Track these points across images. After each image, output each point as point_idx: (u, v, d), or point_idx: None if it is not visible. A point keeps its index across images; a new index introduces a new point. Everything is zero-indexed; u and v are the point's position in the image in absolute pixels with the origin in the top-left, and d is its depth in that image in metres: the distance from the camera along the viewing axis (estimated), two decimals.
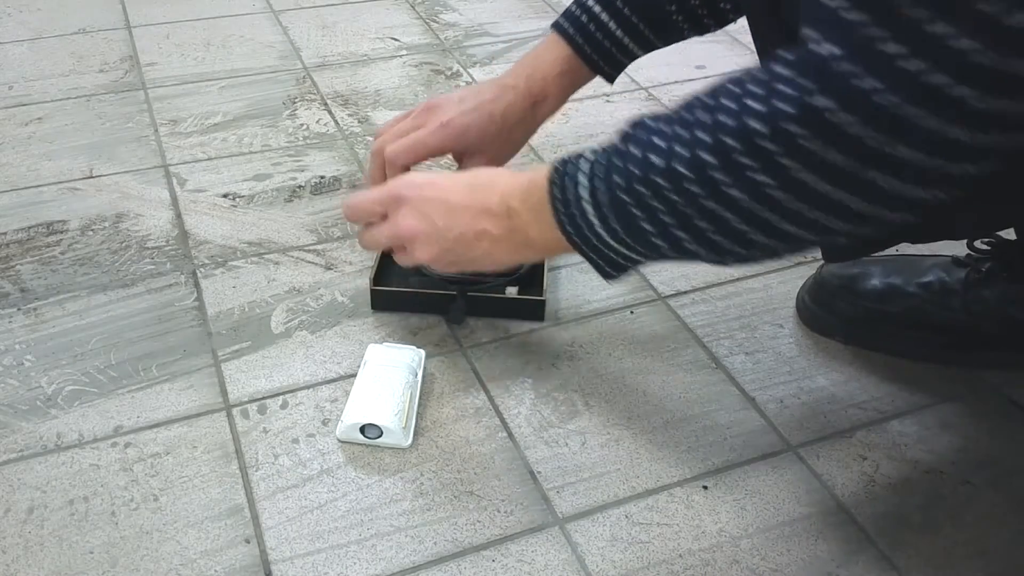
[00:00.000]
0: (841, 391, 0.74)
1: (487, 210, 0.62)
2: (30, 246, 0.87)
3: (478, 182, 0.64)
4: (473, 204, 0.63)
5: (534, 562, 0.61)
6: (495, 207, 0.61)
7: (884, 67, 0.42)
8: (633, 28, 0.74)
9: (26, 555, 0.60)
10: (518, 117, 0.76)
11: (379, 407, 0.67)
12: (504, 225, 0.61)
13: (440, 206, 0.64)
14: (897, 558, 0.61)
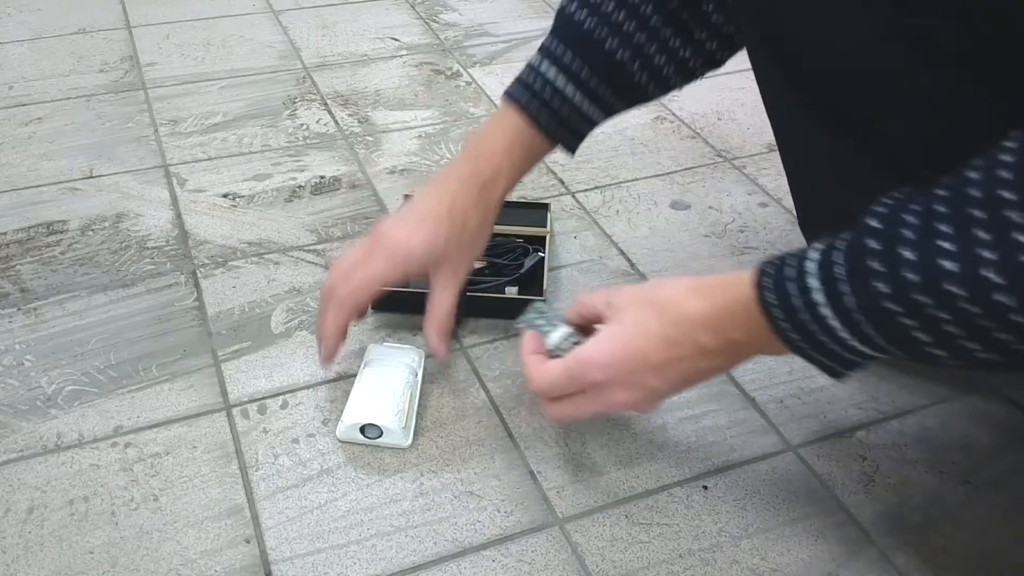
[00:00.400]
0: (841, 391, 0.74)
1: (703, 352, 0.56)
2: (30, 246, 0.87)
3: (669, 330, 0.56)
4: (683, 354, 0.56)
5: (534, 562, 0.61)
6: (711, 345, 0.55)
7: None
8: (591, 91, 0.69)
9: (26, 555, 0.60)
10: (469, 208, 0.69)
11: (379, 407, 0.67)
12: (725, 354, 0.56)
13: (647, 373, 0.57)
14: (897, 558, 0.61)
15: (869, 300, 0.47)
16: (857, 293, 0.47)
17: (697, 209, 0.95)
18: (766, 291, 0.52)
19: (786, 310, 0.51)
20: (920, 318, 0.45)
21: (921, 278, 0.44)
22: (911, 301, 0.45)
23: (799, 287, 0.50)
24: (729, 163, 1.03)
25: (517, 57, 1.24)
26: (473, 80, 1.18)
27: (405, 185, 0.97)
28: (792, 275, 0.51)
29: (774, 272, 0.52)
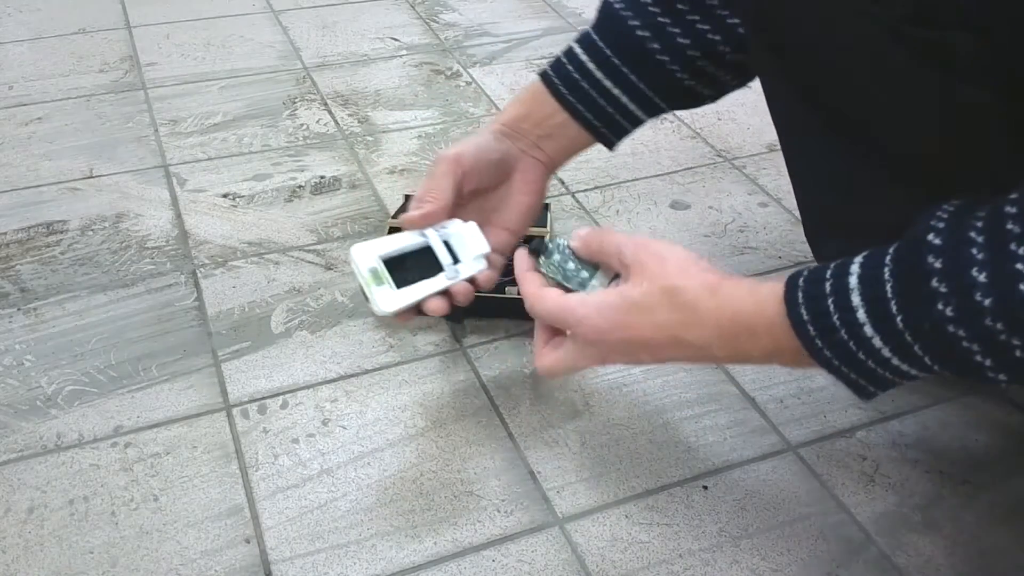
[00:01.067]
0: (841, 391, 0.73)
1: (709, 357, 0.55)
2: (30, 246, 0.87)
3: (681, 329, 0.54)
4: (688, 355, 0.55)
5: (534, 562, 0.61)
6: (721, 355, 0.54)
7: None
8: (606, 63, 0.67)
9: (26, 555, 0.60)
10: (489, 140, 0.69)
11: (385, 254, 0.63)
12: (736, 356, 0.54)
13: (643, 353, 0.56)
14: (897, 558, 0.61)
15: (930, 323, 0.44)
16: (913, 314, 0.44)
17: (697, 209, 0.95)
18: (799, 307, 0.49)
19: (821, 329, 0.48)
20: (988, 343, 0.43)
21: (995, 303, 0.41)
22: (982, 327, 0.42)
23: (838, 305, 0.47)
24: (729, 163, 1.03)
25: (517, 57, 1.24)
26: (473, 80, 1.18)
27: (405, 185, 0.97)
28: (829, 290, 0.48)
29: (806, 286, 0.49)
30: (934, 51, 0.50)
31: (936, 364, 0.46)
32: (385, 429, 0.70)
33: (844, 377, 0.50)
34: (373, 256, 0.62)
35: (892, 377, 0.49)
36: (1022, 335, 0.42)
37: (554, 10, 1.36)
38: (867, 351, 0.47)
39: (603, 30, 0.69)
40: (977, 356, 0.44)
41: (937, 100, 0.53)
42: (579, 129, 0.70)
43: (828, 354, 0.49)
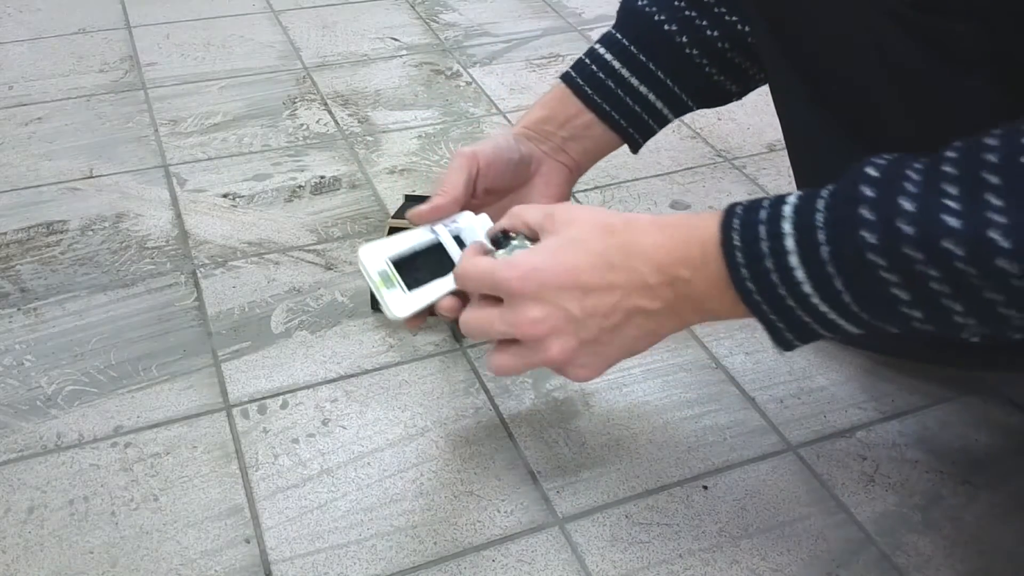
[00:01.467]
0: (841, 391, 0.74)
1: (641, 286, 0.50)
2: (30, 246, 0.87)
3: (612, 254, 0.51)
4: (617, 282, 0.50)
5: (534, 562, 0.61)
6: (652, 280, 0.50)
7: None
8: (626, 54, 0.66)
9: (26, 555, 0.60)
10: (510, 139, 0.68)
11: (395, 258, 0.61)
12: (666, 297, 0.50)
13: (572, 294, 0.51)
14: (897, 558, 0.61)
15: (852, 250, 0.43)
16: (837, 242, 0.44)
17: (697, 209, 0.95)
18: (732, 231, 0.47)
19: (749, 255, 0.46)
20: (905, 273, 0.42)
21: (917, 231, 0.41)
22: (901, 255, 0.42)
23: (769, 231, 0.46)
24: (729, 163, 1.03)
25: (517, 57, 1.24)
26: (473, 80, 1.18)
27: (405, 185, 0.97)
28: (764, 217, 0.46)
29: (743, 213, 0.48)
30: (937, 39, 0.50)
31: (857, 303, 0.45)
32: (385, 429, 0.70)
33: (764, 317, 0.48)
34: (382, 257, 0.60)
35: (811, 321, 0.47)
36: (940, 266, 0.41)
37: (554, 10, 1.36)
38: (789, 285, 0.46)
39: (626, 27, 0.69)
40: (894, 288, 0.43)
41: (939, 89, 0.53)
42: (605, 129, 0.69)
43: (751, 286, 0.47)
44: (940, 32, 0.50)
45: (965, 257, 0.41)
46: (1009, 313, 0.42)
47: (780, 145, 1.05)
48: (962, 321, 0.43)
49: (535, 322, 0.52)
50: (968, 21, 0.49)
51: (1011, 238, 0.39)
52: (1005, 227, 0.40)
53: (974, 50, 0.50)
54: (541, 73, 1.19)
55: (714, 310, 0.50)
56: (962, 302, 0.42)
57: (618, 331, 0.52)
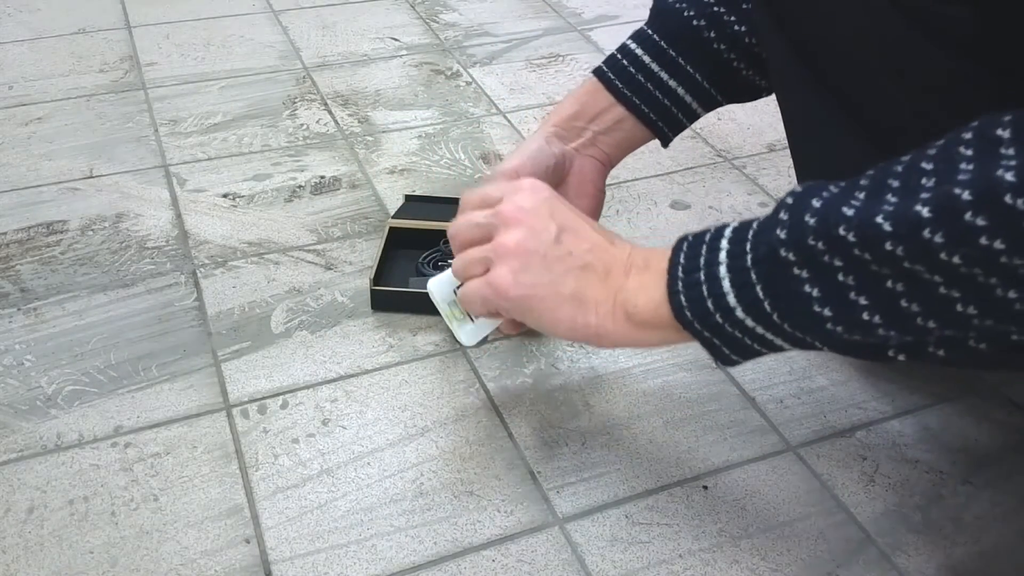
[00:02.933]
0: (841, 391, 0.74)
1: (609, 249, 0.54)
2: (30, 246, 0.87)
3: (606, 230, 0.56)
4: (599, 236, 0.55)
5: (534, 562, 0.61)
6: (619, 253, 0.54)
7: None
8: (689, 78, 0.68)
9: (26, 555, 0.60)
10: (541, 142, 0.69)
11: None
12: (614, 276, 0.53)
13: (565, 216, 0.55)
14: (897, 558, 0.61)
15: (767, 250, 0.46)
16: (756, 247, 0.46)
17: (697, 209, 0.95)
18: (680, 250, 0.51)
19: (687, 268, 0.50)
20: (812, 266, 0.44)
21: (817, 221, 0.44)
22: (806, 246, 0.44)
23: (710, 246, 0.49)
24: (729, 163, 1.03)
25: (517, 57, 1.24)
26: (473, 80, 1.18)
27: (405, 185, 0.97)
28: (708, 237, 0.50)
29: (694, 235, 0.51)
30: (929, 22, 0.51)
31: (776, 310, 0.46)
32: (385, 429, 0.70)
33: (693, 332, 0.50)
34: (449, 289, 0.64)
35: (740, 335, 0.49)
36: (840, 255, 0.43)
37: (554, 10, 1.36)
38: (715, 297, 0.48)
39: (657, 24, 0.70)
40: (806, 286, 0.45)
41: (933, 73, 0.53)
42: (635, 123, 0.70)
43: (683, 300, 0.49)
44: (936, 17, 0.50)
45: (858, 242, 0.42)
46: (911, 308, 0.43)
47: (780, 145, 1.06)
48: (869, 319, 0.44)
49: (522, 209, 0.56)
50: (963, 6, 0.49)
51: (891, 220, 0.41)
52: (888, 212, 0.41)
53: (971, 36, 0.50)
54: (541, 73, 1.19)
55: (639, 310, 0.52)
56: (866, 295, 0.44)
57: (566, 274, 0.54)
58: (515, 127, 1.08)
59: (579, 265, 0.54)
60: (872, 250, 0.42)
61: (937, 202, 0.40)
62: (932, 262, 0.41)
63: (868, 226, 0.42)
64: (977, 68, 0.51)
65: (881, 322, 0.44)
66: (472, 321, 0.64)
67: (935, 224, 0.40)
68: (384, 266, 0.82)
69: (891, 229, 0.41)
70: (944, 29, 0.51)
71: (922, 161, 0.43)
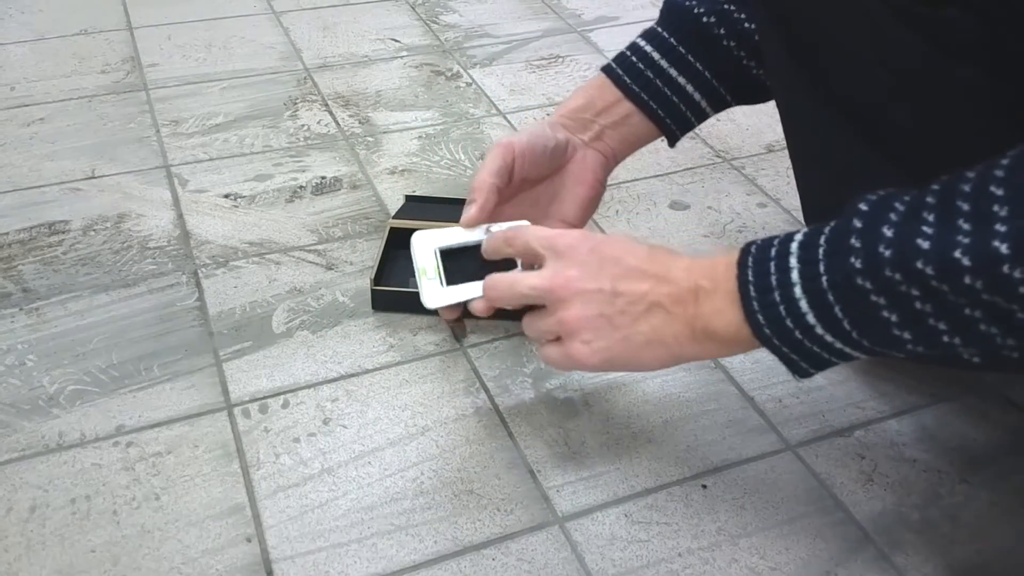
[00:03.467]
0: (839, 390, 0.74)
1: (669, 279, 0.54)
2: (32, 246, 0.88)
3: (655, 252, 0.56)
4: (652, 269, 0.54)
5: (534, 561, 0.61)
6: (680, 279, 0.54)
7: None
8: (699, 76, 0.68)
9: (28, 554, 0.60)
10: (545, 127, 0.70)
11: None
12: (684, 305, 0.54)
13: (612, 263, 0.55)
14: (895, 557, 0.62)
15: (843, 277, 0.46)
16: (832, 271, 0.47)
17: (696, 209, 0.95)
18: (746, 267, 0.51)
19: (759, 286, 0.50)
20: (890, 295, 0.45)
21: (893, 253, 0.44)
22: (883, 277, 0.45)
23: (778, 265, 0.49)
24: (728, 163, 1.03)
25: (517, 58, 1.24)
26: (473, 81, 1.18)
27: (406, 186, 0.98)
28: (774, 254, 0.50)
29: (757, 250, 0.51)
30: (930, 28, 0.51)
31: (855, 329, 0.48)
32: (386, 428, 0.70)
33: (774, 349, 0.51)
34: (432, 246, 0.65)
35: (819, 350, 0.50)
36: (918, 286, 0.44)
37: (554, 11, 1.37)
38: (795, 316, 0.49)
39: (667, 21, 0.70)
40: (884, 311, 0.46)
41: (934, 79, 0.53)
42: (642, 119, 0.70)
43: (761, 319, 0.50)
44: (933, 21, 0.50)
45: (936, 275, 0.43)
46: (990, 331, 0.44)
47: (779, 146, 1.06)
48: (949, 340, 0.46)
49: (570, 279, 0.56)
50: (959, 10, 0.49)
51: (969, 255, 0.42)
52: (966, 246, 0.42)
53: (967, 40, 0.50)
54: (541, 74, 1.19)
55: (719, 331, 0.53)
56: (945, 321, 0.45)
57: (635, 323, 0.55)
58: (515, 128, 1.08)
59: (645, 309, 0.55)
60: (950, 283, 0.43)
61: (1015, 239, 0.41)
62: (1011, 294, 0.42)
63: (946, 261, 0.43)
64: (974, 70, 0.51)
65: (960, 343, 0.46)
66: (442, 285, 0.64)
67: (1014, 261, 0.41)
68: (385, 266, 0.82)
69: (970, 264, 0.42)
70: (939, 32, 0.51)
71: (991, 184, 0.43)
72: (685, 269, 0.54)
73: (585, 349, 0.56)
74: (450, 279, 0.65)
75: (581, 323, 0.56)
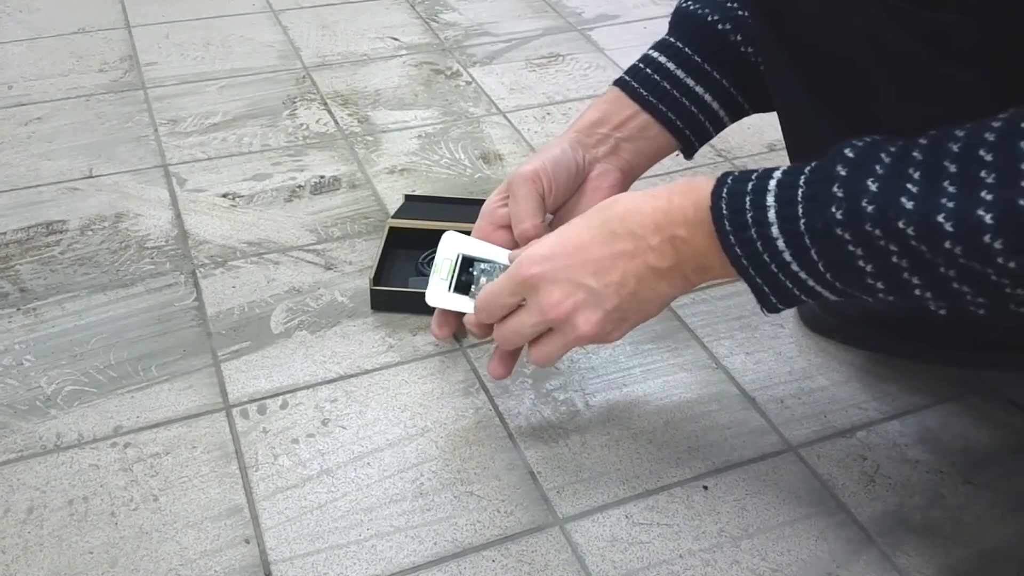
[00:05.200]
0: (841, 391, 0.74)
1: (646, 248, 0.54)
2: (29, 246, 0.87)
3: (613, 223, 0.55)
4: (624, 249, 0.55)
5: (534, 562, 0.60)
6: (654, 241, 0.54)
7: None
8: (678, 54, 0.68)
9: (25, 555, 0.60)
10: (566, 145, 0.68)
11: None
12: (670, 256, 0.54)
13: (585, 268, 0.55)
14: (897, 558, 0.61)
15: (823, 224, 0.47)
16: (810, 215, 0.47)
17: None
18: (720, 200, 0.51)
19: (735, 224, 0.50)
20: (868, 247, 0.46)
21: (875, 210, 0.45)
22: (863, 231, 0.45)
23: (753, 202, 0.50)
24: (729, 163, 1.03)
25: (517, 57, 1.24)
26: (473, 80, 1.18)
27: (405, 185, 0.97)
28: (750, 188, 0.51)
29: (732, 183, 0.52)
30: (929, 32, 0.51)
31: (830, 271, 0.49)
32: (385, 429, 0.70)
33: (751, 280, 0.52)
34: (457, 250, 0.65)
35: (792, 287, 0.51)
36: (897, 243, 0.45)
37: (554, 10, 1.36)
38: (771, 253, 0.50)
39: (680, 31, 0.69)
40: (860, 261, 0.47)
41: (932, 82, 0.53)
42: (660, 130, 0.69)
43: (738, 251, 0.51)
44: (932, 25, 0.50)
45: (916, 236, 0.44)
46: (962, 289, 0.45)
47: (780, 145, 1.05)
48: (920, 294, 0.47)
49: (559, 303, 0.56)
50: (959, 14, 0.49)
51: (952, 221, 0.42)
52: (950, 211, 0.42)
53: (966, 44, 0.50)
54: (541, 73, 1.19)
55: (711, 267, 0.54)
56: (919, 276, 0.46)
57: (635, 296, 0.56)
58: (515, 127, 1.08)
59: (637, 280, 0.56)
60: (930, 245, 0.44)
61: (1000, 210, 0.41)
62: (989, 262, 0.42)
63: (928, 223, 0.43)
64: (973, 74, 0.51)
65: (931, 296, 0.47)
66: (448, 290, 0.65)
67: (997, 231, 0.41)
68: (384, 266, 0.82)
69: (952, 230, 0.42)
70: (938, 35, 0.51)
71: (981, 148, 0.43)
72: (655, 226, 0.54)
73: (616, 334, 0.58)
74: (458, 287, 0.66)
75: (598, 327, 0.57)
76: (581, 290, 0.56)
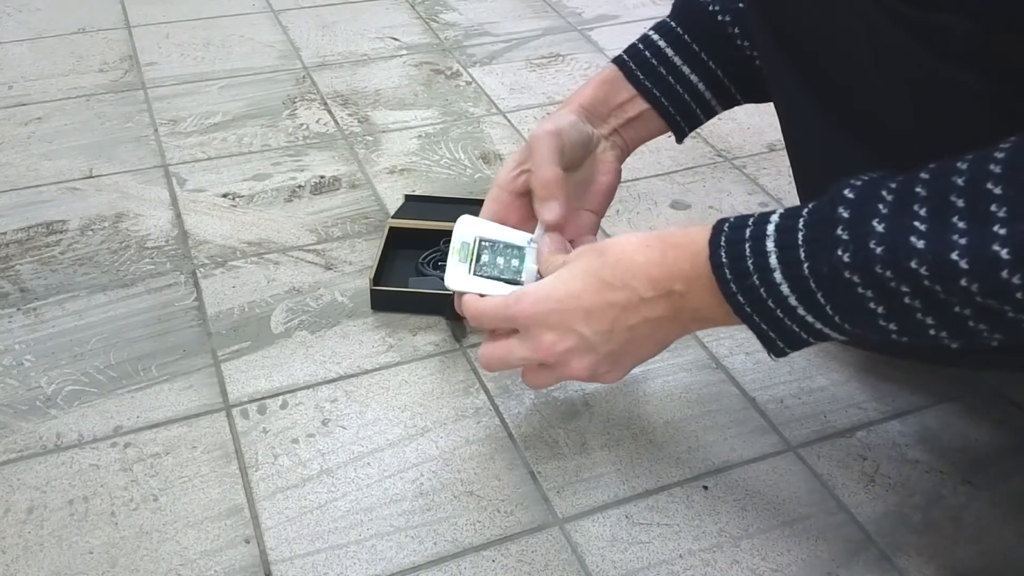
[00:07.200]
0: (841, 391, 0.74)
1: (640, 301, 0.54)
2: (30, 246, 0.87)
3: (605, 272, 0.55)
4: (616, 300, 0.54)
5: (534, 562, 0.60)
6: (648, 294, 0.54)
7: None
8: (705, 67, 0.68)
9: (25, 555, 0.60)
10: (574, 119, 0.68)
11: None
12: (665, 308, 0.54)
13: (578, 315, 0.55)
14: (897, 558, 0.61)
15: (829, 268, 0.46)
16: (815, 259, 0.46)
17: (697, 209, 0.95)
18: (720, 249, 0.50)
19: (736, 272, 0.50)
20: (879, 290, 0.45)
21: (885, 251, 0.43)
22: (873, 274, 0.44)
23: (753, 248, 0.49)
24: (729, 163, 1.03)
25: (517, 57, 1.23)
26: (473, 80, 1.18)
27: (405, 185, 0.97)
28: (748, 235, 0.50)
29: (729, 231, 0.51)
30: (929, 35, 0.51)
31: (838, 314, 0.48)
32: (385, 429, 0.70)
33: (757, 328, 0.51)
34: (474, 233, 0.64)
35: (799, 331, 0.50)
36: (909, 284, 0.44)
37: (554, 10, 1.36)
38: (776, 299, 0.49)
39: (680, 16, 0.70)
40: (871, 303, 0.46)
41: (933, 84, 0.53)
42: (654, 115, 0.70)
43: (742, 300, 0.50)
44: (932, 28, 0.50)
45: (930, 276, 0.43)
46: (978, 327, 0.44)
47: (780, 145, 1.05)
48: (935, 333, 0.46)
49: (552, 345, 0.56)
50: (959, 17, 0.49)
51: (968, 258, 0.41)
52: (964, 248, 0.41)
53: (965, 45, 0.50)
54: (541, 73, 1.19)
55: (711, 319, 0.53)
56: (933, 316, 0.45)
57: (629, 343, 0.56)
58: (515, 127, 1.08)
59: (629, 330, 0.55)
60: (945, 284, 0.42)
61: (1016, 244, 0.40)
62: (1007, 298, 0.41)
63: (942, 263, 0.42)
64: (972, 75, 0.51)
65: (947, 336, 0.45)
66: (468, 273, 0.64)
67: (1014, 266, 0.40)
68: (384, 266, 0.82)
69: (967, 268, 0.41)
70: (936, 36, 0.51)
71: (988, 181, 0.42)
72: (648, 280, 0.53)
73: (612, 375, 0.58)
74: (477, 270, 0.65)
75: (590, 370, 0.57)
76: (573, 335, 0.56)
